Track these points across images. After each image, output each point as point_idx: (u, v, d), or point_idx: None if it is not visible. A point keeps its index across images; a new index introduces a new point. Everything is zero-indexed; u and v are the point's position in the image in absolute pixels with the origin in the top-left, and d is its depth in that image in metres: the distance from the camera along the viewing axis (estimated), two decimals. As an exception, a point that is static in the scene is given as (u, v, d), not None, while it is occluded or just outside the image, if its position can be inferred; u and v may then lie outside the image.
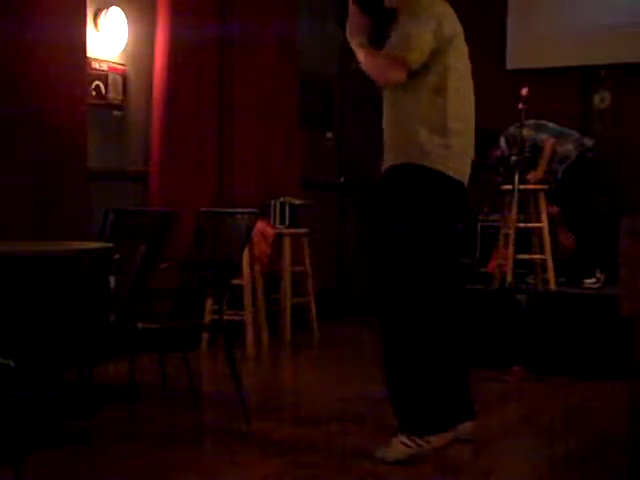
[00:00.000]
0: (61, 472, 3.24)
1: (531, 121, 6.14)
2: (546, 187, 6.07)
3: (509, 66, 7.72)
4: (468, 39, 3.50)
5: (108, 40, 5.54)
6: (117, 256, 4.23)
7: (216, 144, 6.26)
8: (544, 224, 5.95)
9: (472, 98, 3.56)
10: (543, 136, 6.29)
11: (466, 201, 3.52)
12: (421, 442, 3.39)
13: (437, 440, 3.43)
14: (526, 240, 6.07)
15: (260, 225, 5.79)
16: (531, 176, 6.12)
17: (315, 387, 4.90)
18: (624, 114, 6.36)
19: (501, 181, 6.11)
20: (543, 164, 6.25)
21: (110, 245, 4.18)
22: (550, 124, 6.39)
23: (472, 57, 3.53)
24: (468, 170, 3.52)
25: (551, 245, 5.89)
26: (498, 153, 6.38)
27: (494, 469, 3.41)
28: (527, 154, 6.01)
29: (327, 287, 7.47)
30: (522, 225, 5.93)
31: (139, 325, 3.78)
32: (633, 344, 2.88)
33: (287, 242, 6.37)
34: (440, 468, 3.36)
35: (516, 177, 5.70)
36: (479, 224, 7.50)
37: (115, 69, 5.62)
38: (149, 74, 5.83)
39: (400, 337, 3.43)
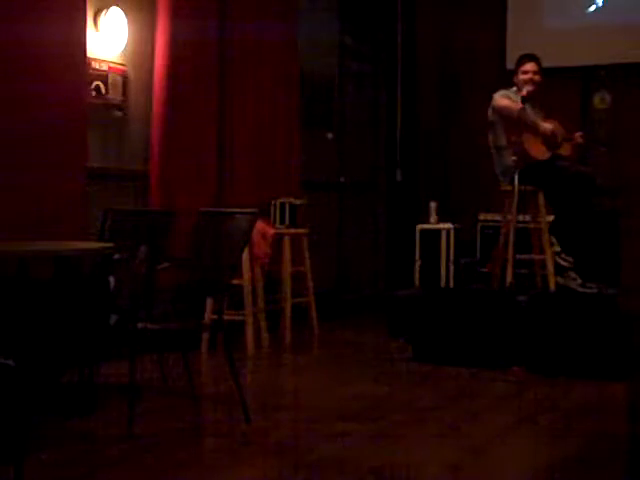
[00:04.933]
0: (61, 472, 3.24)
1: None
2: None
3: (509, 66, 7.72)
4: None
5: (108, 40, 5.54)
6: (117, 256, 4.24)
7: (216, 144, 6.26)
8: (544, 224, 5.95)
9: None
10: None
11: None
12: None
13: None
14: (526, 240, 6.07)
15: (260, 225, 5.79)
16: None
17: (315, 387, 4.89)
18: (624, 114, 6.37)
19: None
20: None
21: (110, 245, 4.18)
22: None
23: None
24: None
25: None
26: None
27: (494, 469, 3.41)
28: None
29: (327, 287, 7.47)
30: (522, 225, 5.92)
31: (139, 325, 3.78)
32: (633, 344, 2.88)
33: (287, 242, 6.37)
34: (440, 468, 3.36)
35: (516, 177, 5.69)
36: (479, 224, 7.49)
37: (115, 69, 5.62)
38: (149, 74, 5.83)
39: None
